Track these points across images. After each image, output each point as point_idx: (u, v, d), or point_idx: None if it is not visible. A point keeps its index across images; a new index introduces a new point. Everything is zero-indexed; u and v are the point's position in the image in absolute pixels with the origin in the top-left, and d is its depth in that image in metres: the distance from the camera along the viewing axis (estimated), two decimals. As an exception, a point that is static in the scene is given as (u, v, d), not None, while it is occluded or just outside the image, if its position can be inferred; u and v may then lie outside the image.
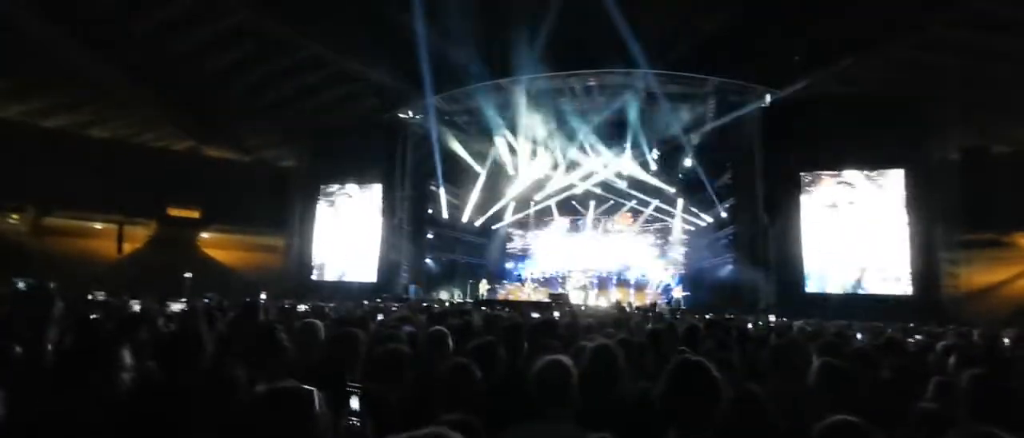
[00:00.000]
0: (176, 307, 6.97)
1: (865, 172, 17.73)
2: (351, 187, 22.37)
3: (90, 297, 7.99)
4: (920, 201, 16.92)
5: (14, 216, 21.13)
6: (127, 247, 23.34)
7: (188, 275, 16.39)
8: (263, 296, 13.03)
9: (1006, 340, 6.28)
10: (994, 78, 16.14)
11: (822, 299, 16.72)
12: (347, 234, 21.96)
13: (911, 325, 10.02)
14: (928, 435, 2.31)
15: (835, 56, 16.30)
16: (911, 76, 16.79)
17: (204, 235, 24.79)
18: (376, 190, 21.77)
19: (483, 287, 21.62)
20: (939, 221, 16.82)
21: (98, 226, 23.23)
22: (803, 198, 18.12)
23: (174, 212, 24.09)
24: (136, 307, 6.41)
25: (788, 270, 17.75)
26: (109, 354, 2.24)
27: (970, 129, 18.49)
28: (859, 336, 7.15)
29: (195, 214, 24.35)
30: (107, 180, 20.79)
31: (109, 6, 15.90)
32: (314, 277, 21.87)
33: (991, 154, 19.28)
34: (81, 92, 19.94)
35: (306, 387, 1.61)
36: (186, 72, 18.70)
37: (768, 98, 17.77)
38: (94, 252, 22.22)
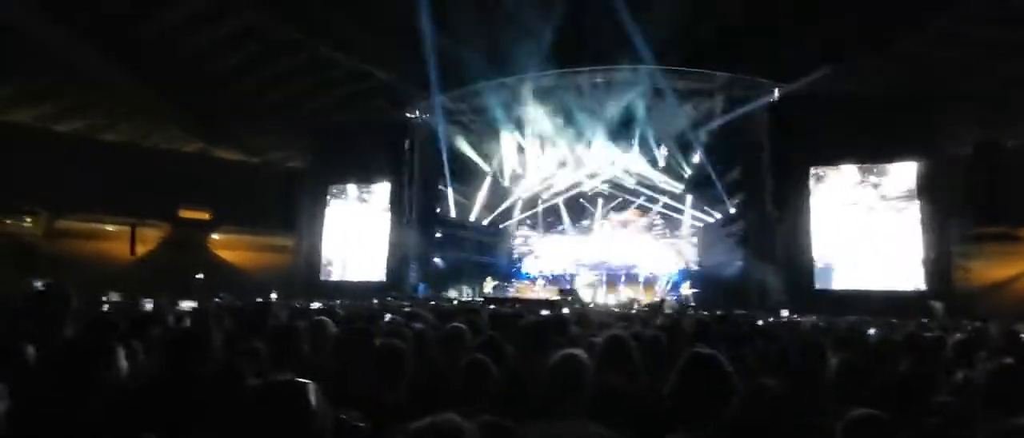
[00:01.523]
0: (186, 305, 7.02)
1: (876, 166, 17.52)
2: (358, 186, 22.41)
3: (104, 298, 8.07)
4: (932, 195, 16.72)
5: (28, 219, 21.35)
6: (140, 249, 23.50)
7: (200, 276, 16.54)
8: (273, 296, 13.13)
9: None
10: (1007, 72, 15.91)
11: (832, 295, 16.56)
12: (355, 233, 22.02)
13: (924, 320, 9.92)
14: (949, 428, 2.27)
15: (845, 51, 16.13)
16: (922, 70, 16.57)
17: (215, 236, 24.93)
18: (384, 189, 21.83)
19: (489, 285, 21.58)
20: (951, 215, 16.61)
21: (110, 228, 23.41)
22: (812, 193, 17.94)
23: (185, 214, 24.24)
24: (149, 307, 6.45)
25: (798, 266, 17.59)
26: (106, 350, 2.24)
27: (983, 123, 18.23)
28: (872, 331, 7.07)
29: (205, 216, 24.49)
30: (118, 183, 20.96)
31: (118, 10, 16.02)
32: (323, 276, 21.95)
33: (1004, 148, 19.02)
34: (91, 96, 20.10)
35: (302, 380, 1.58)
36: (193, 74, 18.79)
37: (777, 93, 17.62)
38: (107, 254, 22.40)
